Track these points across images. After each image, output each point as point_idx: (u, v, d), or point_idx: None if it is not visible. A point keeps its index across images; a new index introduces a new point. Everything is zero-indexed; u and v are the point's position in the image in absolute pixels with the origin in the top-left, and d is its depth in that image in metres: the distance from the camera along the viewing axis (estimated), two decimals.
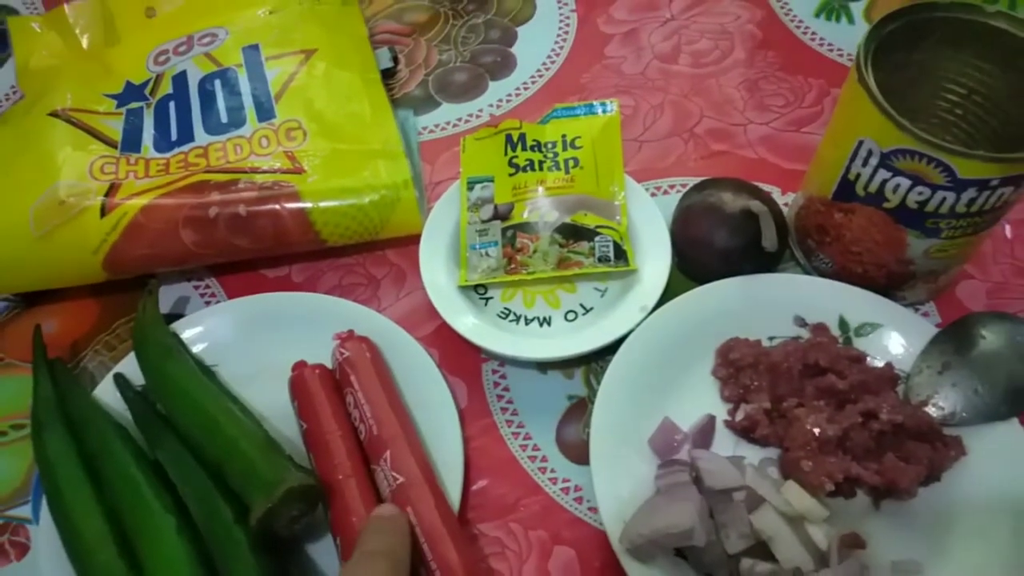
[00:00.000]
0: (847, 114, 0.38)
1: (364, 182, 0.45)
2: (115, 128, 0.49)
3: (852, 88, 0.36)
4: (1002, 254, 0.45)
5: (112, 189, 0.44)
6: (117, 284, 0.45)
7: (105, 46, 0.55)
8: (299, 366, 0.39)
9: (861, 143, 0.36)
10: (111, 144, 0.48)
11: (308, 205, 0.44)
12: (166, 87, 0.51)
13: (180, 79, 0.51)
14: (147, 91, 0.51)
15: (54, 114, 0.48)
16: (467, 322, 0.41)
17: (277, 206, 0.44)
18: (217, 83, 0.50)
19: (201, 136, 0.48)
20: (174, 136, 0.48)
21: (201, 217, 0.43)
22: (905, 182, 0.36)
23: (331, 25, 0.54)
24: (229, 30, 0.54)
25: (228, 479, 0.35)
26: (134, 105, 0.50)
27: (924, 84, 0.40)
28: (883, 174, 0.36)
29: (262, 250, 0.45)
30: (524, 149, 0.45)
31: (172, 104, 0.50)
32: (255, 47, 0.52)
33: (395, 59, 0.55)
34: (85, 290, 0.46)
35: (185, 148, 0.47)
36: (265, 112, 0.49)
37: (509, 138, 0.45)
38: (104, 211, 0.43)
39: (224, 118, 0.49)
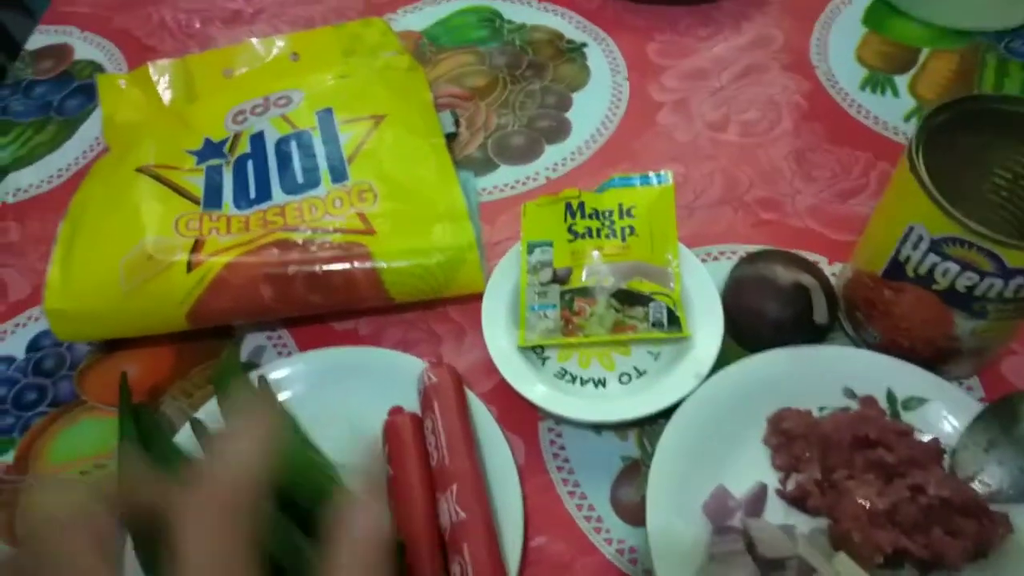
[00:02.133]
0: (898, 198, 0.39)
1: (431, 243, 0.48)
2: (197, 184, 0.52)
3: (903, 175, 0.38)
4: None
5: (197, 245, 0.47)
6: (193, 332, 0.48)
7: (185, 103, 0.59)
8: (395, 412, 0.42)
9: (912, 228, 0.38)
10: (194, 200, 0.50)
11: (379, 265, 0.46)
12: (244, 146, 0.54)
13: (257, 139, 0.54)
14: (226, 148, 0.54)
15: (141, 170, 0.52)
16: (526, 382, 0.43)
17: (350, 265, 0.46)
18: (293, 144, 0.53)
19: (279, 195, 0.51)
20: (253, 194, 0.51)
21: (280, 275, 0.46)
22: (954, 267, 0.37)
23: (399, 90, 0.57)
24: (303, 93, 0.57)
25: (316, 526, 0.37)
26: (214, 162, 0.53)
27: (972, 169, 0.42)
28: (933, 258, 0.38)
29: (334, 305, 0.48)
30: (583, 217, 0.48)
31: (250, 163, 0.53)
32: (328, 111, 0.55)
33: (457, 123, 0.58)
34: (163, 337, 0.49)
35: (263, 206, 0.50)
36: (339, 174, 0.51)
37: (569, 206, 0.48)
38: (190, 267, 0.46)
39: (300, 178, 0.51)
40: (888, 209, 0.41)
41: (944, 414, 0.41)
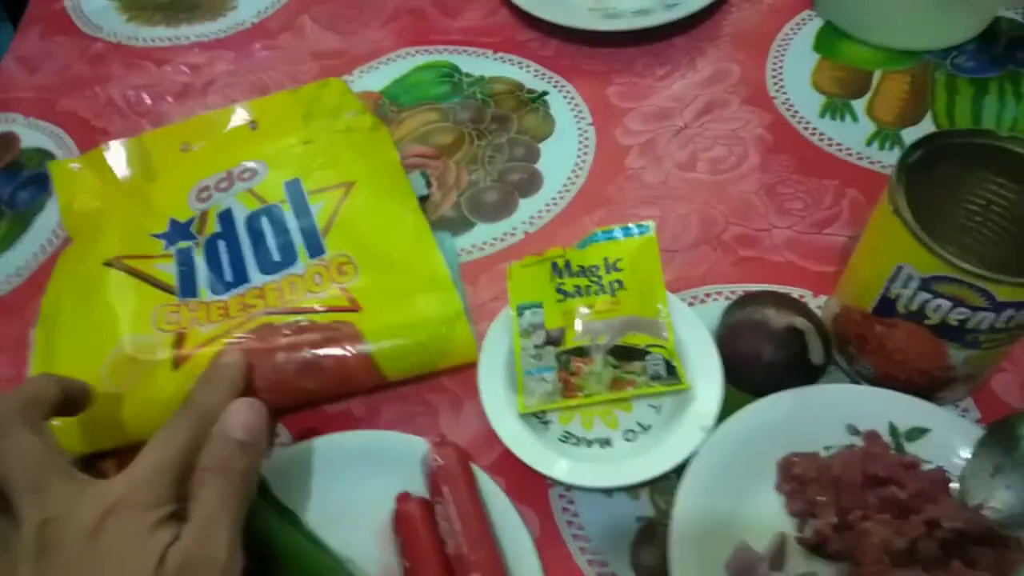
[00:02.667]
0: (883, 238, 0.40)
1: (419, 316, 0.47)
2: (169, 272, 0.50)
3: (886, 217, 0.39)
4: None
5: (179, 339, 0.45)
6: None
7: (144, 182, 0.57)
8: (403, 499, 0.41)
9: (901, 268, 0.39)
10: (169, 291, 0.49)
11: (370, 346, 0.45)
12: (212, 225, 0.53)
13: (226, 217, 0.53)
14: (193, 228, 0.53)
15: (110, 264, 0.50)
16: (532, 451, 0.42)
17: (340, 349, 0.45)
18: (264, 220, 0.52)
19: (256, 276, 0.49)
20: (229, 277, 0.50)
21: (269, 363, 0.45)
22: (946, 303, 0.38)
23: (365, 153, 0.56)
24: (267, 164, 0.56)
25: None
26: (183, 245, 0.52)
27: (946, 197, 0.43)
28: (923, 296, 0.38)
29: (327, 390, 0.46)
30: (571, 275, 0.47)
31: (221, 243, 0.52)
32: (296, 181, 0.54)
33: (429, 184, 0.58)
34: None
35: (241, 290, 0.49)
36: (315, 248, 0.50)
37: (555, 265, 0.48)
38: (176, 363, 0.44)
39: (276, 256, 0.50)
40: (873, 248, 0.42)
41: (947, 442, 0.42)
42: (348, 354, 0.45)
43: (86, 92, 0.67)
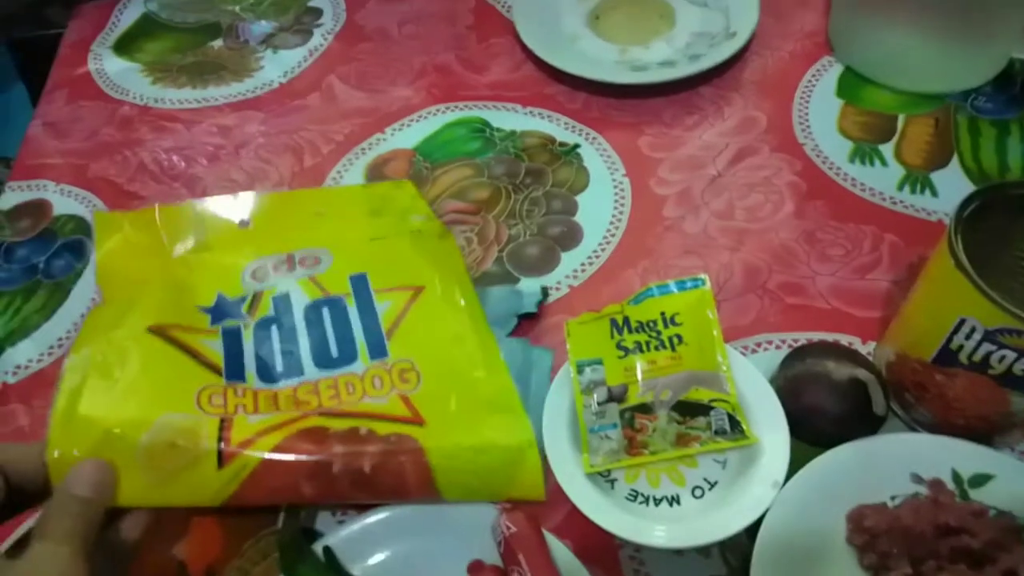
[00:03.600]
0: (943, 291, 0.41)
1: (486, 440, 0.45)
2: (215, 350, 0.48)
3: (946, 269, 0.40)
4: None
5: (224, 426, 0.43)
6: None
7: (195, 252, 0.55)
8: (477, 568, 0.41)
9: (964, 320, 0.39)
10: (215, 370, 0.47)
11: (433, 464, 0.43)
12: (266, 308, 0.51)
13: (283, 302, 0.51)
14: (244, 308, 0.51)
15: (153, 330, 0.47)
16: (601, 511, 0.42)
17: (400, 464, 0.43)
18: (325, 311, 0.50)
19: (311, 370, 0.48)
20: (279, 367, 0.48)
21: (324, 473, 0.42)
22: (1011, 354, 0.39)
23: (433, 259, 0.54)
24: (331, 253, 0.54)
25: None
26: (230, 323, 0.50)
27: (996, 246, 0.44)
28: (988, 347, 0.39)
29: (380, 500, 0.44)
30: (630, 331, 0.48)
31: (275, 329, 0.50)
32: (362, 277, 0.52)
33: (546, 295, 0.55)
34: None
35: (293, 382, 0.47)
36: (377, 349, 0.48)
37: (614, 322, 0.48)
38: (221, 461, 0.41)
39: (335, 352, 0.48)
40: (932, 299, 0.42)
41: (1011, 487, 0.43)
42: (407, 469, 0.43)
43: (116, 156, 0.67)
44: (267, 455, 0.42)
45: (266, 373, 0.47)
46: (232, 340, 0.49)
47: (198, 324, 0.50)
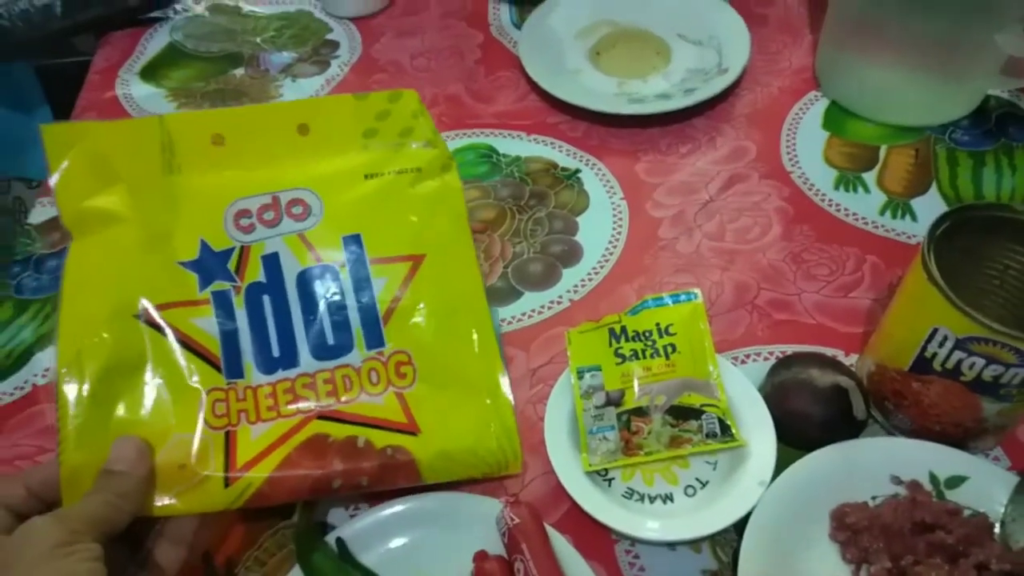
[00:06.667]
0: (917, 304, 0.44)
1: (476, 456, 0.47)
2: (210, 334, 0.47)
3: (920, 283, 0.43)
4: None
5: (229, 441, 0.45)
6: None
7: (165, 174, 0.50)
8: (482, 557, 0.43)
9: (936, 330, 0.43)
10: (214, 365, 0.46)
11: (423, 474, 0.46)
12: (255, 270, 0.49)
13: (272, 264, 0.49)
14: (230, 265, 0.49)
15: (144, 319, 0.46)
16: (601, 507, 0.45)
17: (395, 476, 0.46)
18: (318, 285, 0.49)
19: (307, 360, 0.48)
20: (276, 352, 0.48)
21: (324, 487, 0.45)
22: (980, 361, 0.42)
23: (435, 210, 0.52)
24: (321, 199, 0.51)
25: None
26: (219, 286, 0.48)
27: (967, 263, 0.47)
28: (959, 355, 0.42)
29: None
30: (627, 340, 0.51)
31: (267, 299, 0.48)
32: (356, 239, 0.50)
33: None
34: None
35: (291, 374, 0.47)
36: (374, 338, 0.48)
37: (612, 331, 0.51)
38: (227, 482, 0.44)
39: (331, 338, 0.48)
40: (907, 312, 0.46)
41: (984, 488, 0.45)
42: (400, 480, 0.46)
43: None
44: (270, 475, 0.45)
45: (263, 359, 0.47)
46: (224, 311, 0.48)
47: (185, 292, 0.48)
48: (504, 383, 0.50)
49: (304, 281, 0.49)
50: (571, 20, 0.79)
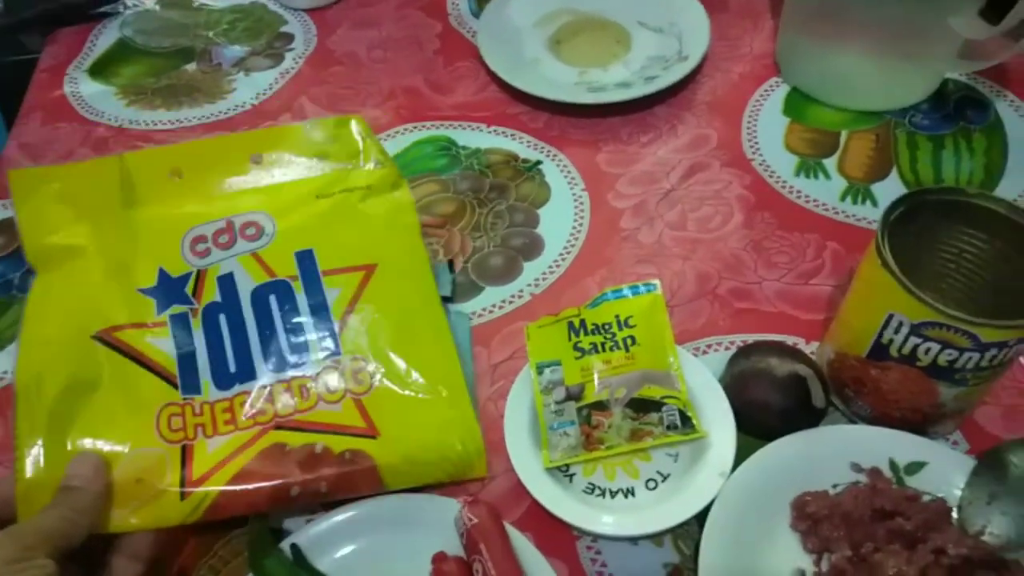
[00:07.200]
0: (873, 290, 0.44)
1: (438, 453, 0.46)
2: (166, 352, 0.48)
3: (875, 270, 0.43)
4: (1009, 380, 0.51)
5: (185, 455, 0.45)
6: None
7: (125, 208, 0.52)
8: (440, 559, 0.42)
9: (892, 315, 0.42)
10: (170, 381, 0.47)
11: (384, 479, 0.45)
12: (212, 292, 0.50)
13: (227, 283, 0.50)
14: (188, 290, 0.50)
15: (99, 339, 0.47)
16: (560, 504, 0.45)
17: (355, 482, 0.45)
18: (272, 300, 0.50)
19: (264, 373, 0.48)
20: (232, 367, 0.48)
21: (282, 496, 0.44)
22: (935, 346, 0.42)
23: (387, 223, 0.53)
24: (274, 220, 0.52)
25: None
26: (176, 309, 0.49)
27: (923, 248, 0.47)
28: (914, 340, 0.42)
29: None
30: (586, 333, 0.50)
31: (223, 319, 0.49)
32: (308, 254, 0.51)
33: (452, 270, 0.58)
34: None
35: (248, 387, 0.47)
36: (329, 347, 0.48)
37: (571, 325, 0.51)
38: (183, 496, 0.43)
39: (286, 350, 0.48)
40: (864, 299, 0.45)
41: (943, 473, 0.45)
42: (361, 486, 0.45)
43: None
44: (226, 487, 0.44)
45: (220, 376, 0.47)
46: (181, 333, 0.49)
47: (143, 316, 0.49)
48: (467, 384, 0.49)
49: (258, 297, 0.50)
50: (531, 9, 0.78)
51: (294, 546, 0.44)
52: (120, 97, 0.75)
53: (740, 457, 0.46)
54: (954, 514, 0.44)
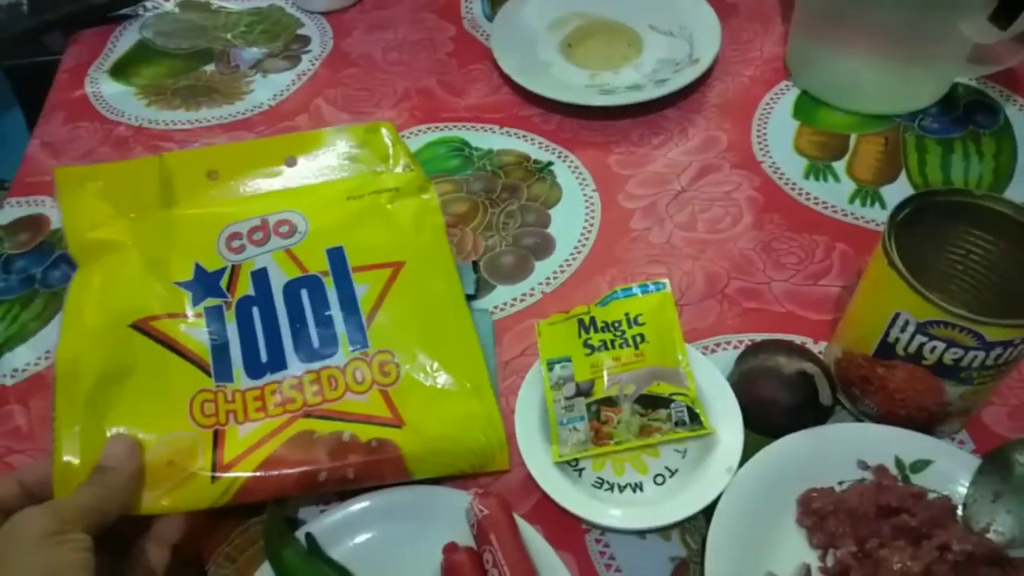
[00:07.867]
0: (880, 289, 0.45)
1: (462, 444, 0.47)
2: (201, 341, 0.49)
3: (882, 269, 0.43)
4: (1015, 380, 0.52)
5: (217, 439, 0.46)
6: None
7: (164, 208, 0.54)
8: (451, 549, 0.43)
9: (898, 314, 0.43)
10: (204, 369, 0.48)
11: (409, 467, 0.46)
12: (246, 286, 0.51)
13: (261, 278, 0.52)
14: (223, 283, 0.52)
15: (136, 328, 0.49)
16: (570, 497, 0.46)
17: (381, 470, 0.46)
18: (304, 294, 0.51)
19: (294, 363, 0.49)
20: (264, 358, 0.49)
21: (310, 481, 0.45)
22: (941, 345, 0.42)
23: (415, 224, 0.55)
24: (306, 219, 0.54)
25: None
26: (211, 302, 0.51)
27: (930, 248, 0.48)
28: (920, 339, 0.43)
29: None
30: (596, 331, 0.51)
31: (256, 312, 0.51)
32: (339, 251, 0.53)
33: (477, 270, 0.59)
34: None
35: (278, 377, 0.49)
36: (358, 340, 0.50)
37: (581, 322, 0.51)
38: (214, 478, 0.45)
39: (316, 342, 0.50)
40: (871, 298, 0.46)
41: (949, 472, 0.46)
42: (387, 474, 0.46)
43: None
44: (256, 473, 0.45)
45: (252, 366, 0.49)
46: (216, 323, 0.50)
47: (178, 307, 0.51)
48: (490, 378, 0.50)
49: (290, 291, 0.52)
50: (543, 12, 0.79)
51: (309, 535, 0.45)
52: (140, 97, 0.77)
53: (747, 454, 0.46)
54: (959, 512, 0.45)
